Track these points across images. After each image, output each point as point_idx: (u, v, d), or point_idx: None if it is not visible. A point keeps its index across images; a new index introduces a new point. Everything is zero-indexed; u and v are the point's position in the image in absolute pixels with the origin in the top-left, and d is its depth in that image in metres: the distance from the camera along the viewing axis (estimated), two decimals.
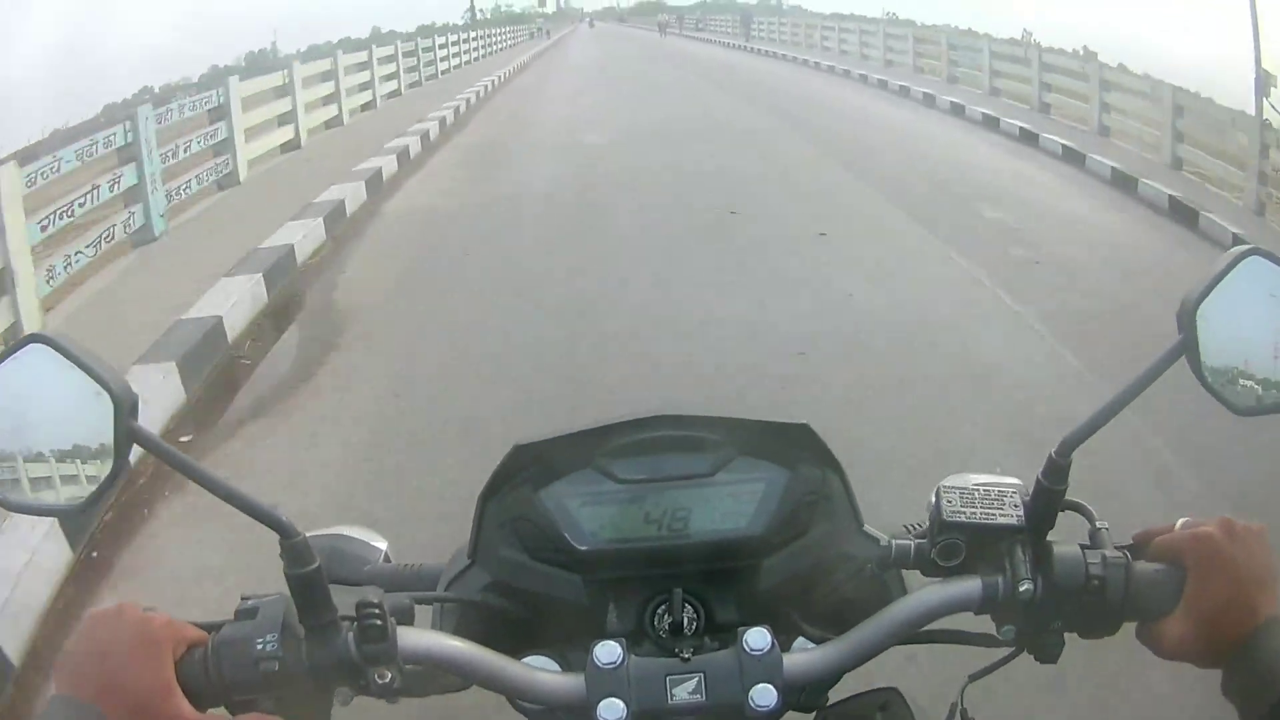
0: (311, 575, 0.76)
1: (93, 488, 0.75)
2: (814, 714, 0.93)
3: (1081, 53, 13.90)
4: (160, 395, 4.59)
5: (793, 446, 0.89)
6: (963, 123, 14.66)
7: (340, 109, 14.41)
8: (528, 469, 0.88)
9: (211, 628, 0.79)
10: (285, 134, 11.98)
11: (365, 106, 16.09)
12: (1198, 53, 11.59)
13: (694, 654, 0.82)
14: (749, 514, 0.87)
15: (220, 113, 9.80)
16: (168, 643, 0.76)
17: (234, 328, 5.72)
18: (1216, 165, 9.18)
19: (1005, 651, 0.87)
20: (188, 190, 8.81)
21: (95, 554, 3.59)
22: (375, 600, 0.77)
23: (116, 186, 7.36)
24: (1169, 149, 10.02)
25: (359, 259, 7.61)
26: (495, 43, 36.60)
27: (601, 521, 0.86)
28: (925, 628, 0.85)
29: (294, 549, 0.76)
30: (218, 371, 5.30)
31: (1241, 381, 0.80)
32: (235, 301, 5.89)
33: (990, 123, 13.94)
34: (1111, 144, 11.45)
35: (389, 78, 18.15)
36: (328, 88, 14.06)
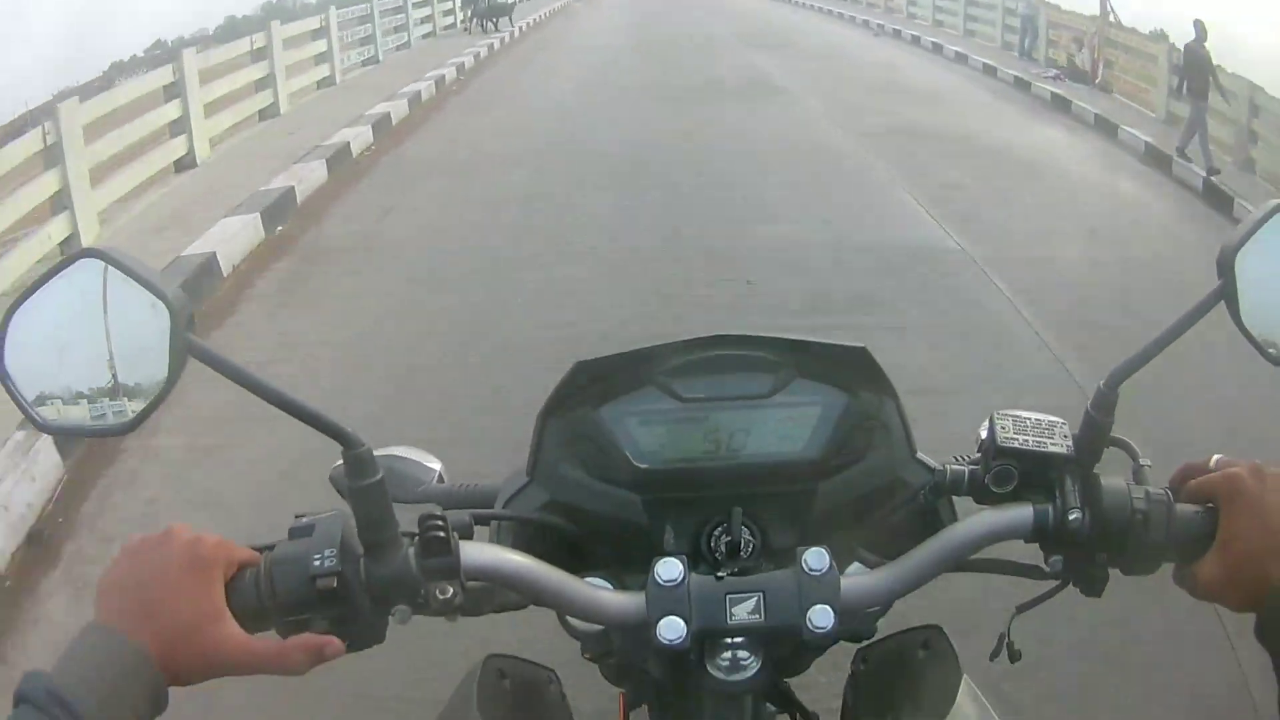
0: (374, 487, 0.74)
1: (143, 403, 0.73)
2: (856, 652, 0.94)
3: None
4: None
5: (849, 370, 0.88)
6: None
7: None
8: (589, 386, 0.87)
9: (264, 548, 0.77)
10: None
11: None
12: None
13: (751, 574, 0.81)
14: (805, 437, 0.87)
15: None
16: (218, 564, 0.73)
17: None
18: None
19: (1051, 584, 0.87)
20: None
21: None
22: (439, 513, 0.76)
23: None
24: None
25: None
26: None
27: (661, 440, 0.86)
28: (975, 556, 0.85)
29: (357, 460, 0.74)
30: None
31: (1276, 331, 0.81)
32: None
33: None
34: None
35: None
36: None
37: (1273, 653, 0.75)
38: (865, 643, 0.94)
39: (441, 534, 0.75)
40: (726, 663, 0.80)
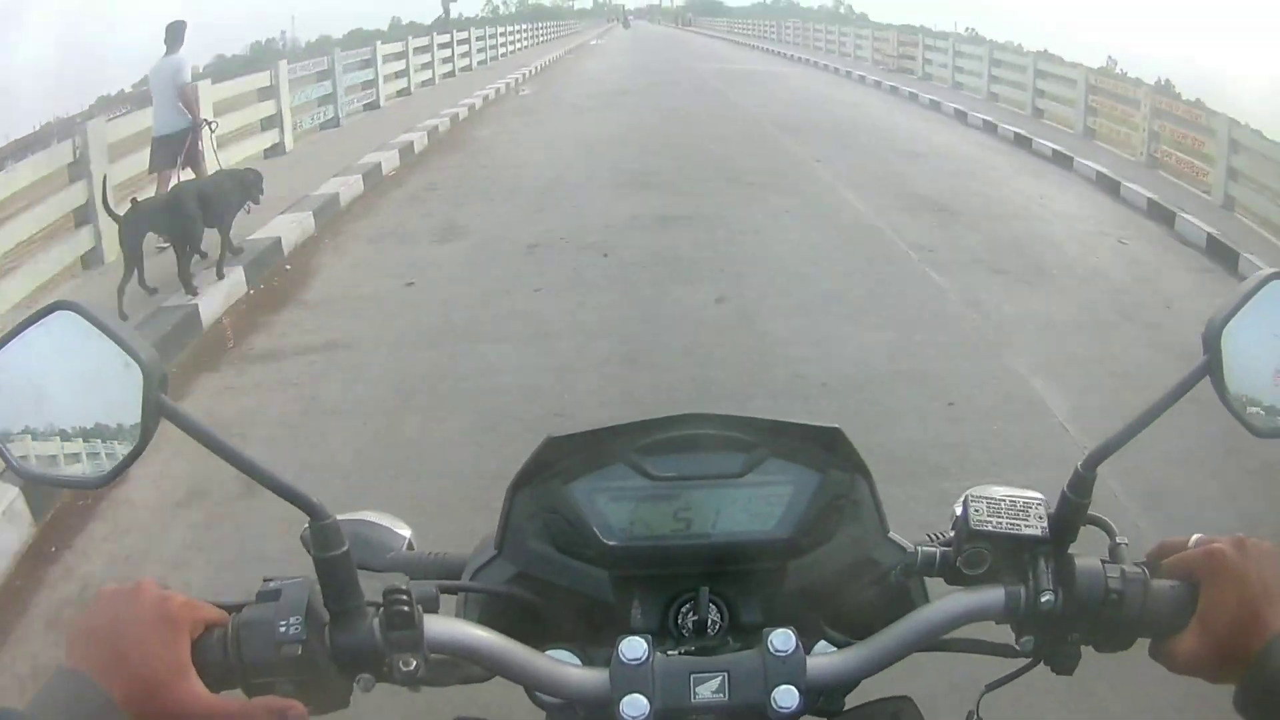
0: (340, 559, 0.75)
1: (115, 460, 0.74)
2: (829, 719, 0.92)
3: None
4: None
5: (823, 449, 0.88)
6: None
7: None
8: (559, 462, 0.88)
9: (231, 608, 0.78)
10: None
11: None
12: None
13: (717, 653, 0.82)
14: (777, 516, 0.87)
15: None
16: (185, 622, 0.74)
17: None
18: None
19: (1022, 662, 0.87)
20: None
21: None
22: (403, 587, 0.76)
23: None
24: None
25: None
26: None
27: (631, 517, 0.86)
28: (945, 636, 0.85)
29: (323, 531, 0.75)
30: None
31: (1264, 403, 0.81)
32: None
33: None
34: None
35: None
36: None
37: None
38: (833, 717, 0.93)
39: (405, 608, 0.76)
40: None
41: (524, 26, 36.52)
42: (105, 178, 6.61)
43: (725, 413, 0.88)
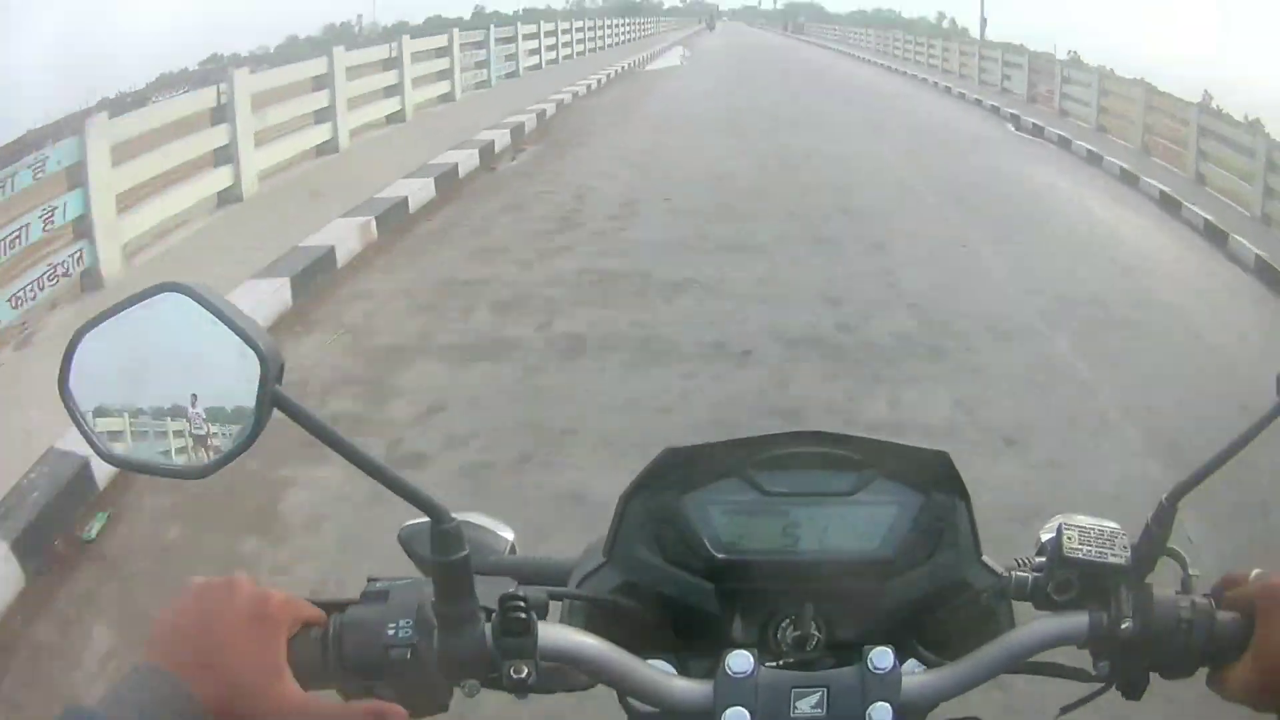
0: (460, 563, 0.75)
1: (219, 453, 0.71)
2: None
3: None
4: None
5: (928, 473, 0.90)
6: None
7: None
8: (675, 473, 0.88)
9: (331, 607, 0.77)
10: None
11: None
12: None
13: (816, 668, 0.84)
14: (881, 535, 0.88)
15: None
16: (283, 621, 0.73)
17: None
18: None
19: (1095, 686, 0.88)
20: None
21: None
22: (519, 593, 0.76)
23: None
24: None
25: None
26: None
27: (741, 531, 0.88)
28: (1029, 660, 0.87)
29: (445, 535, 0.74)
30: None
31: None
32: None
33: None
34: None
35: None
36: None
37: None
38: None
39: (522, 614, 0.75)
40: None
41: (577, 26, 27.27)
42: None
43: (840, 432, 0.89)
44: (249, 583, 0.74)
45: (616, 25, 33.23)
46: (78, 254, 6.01)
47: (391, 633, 0.74)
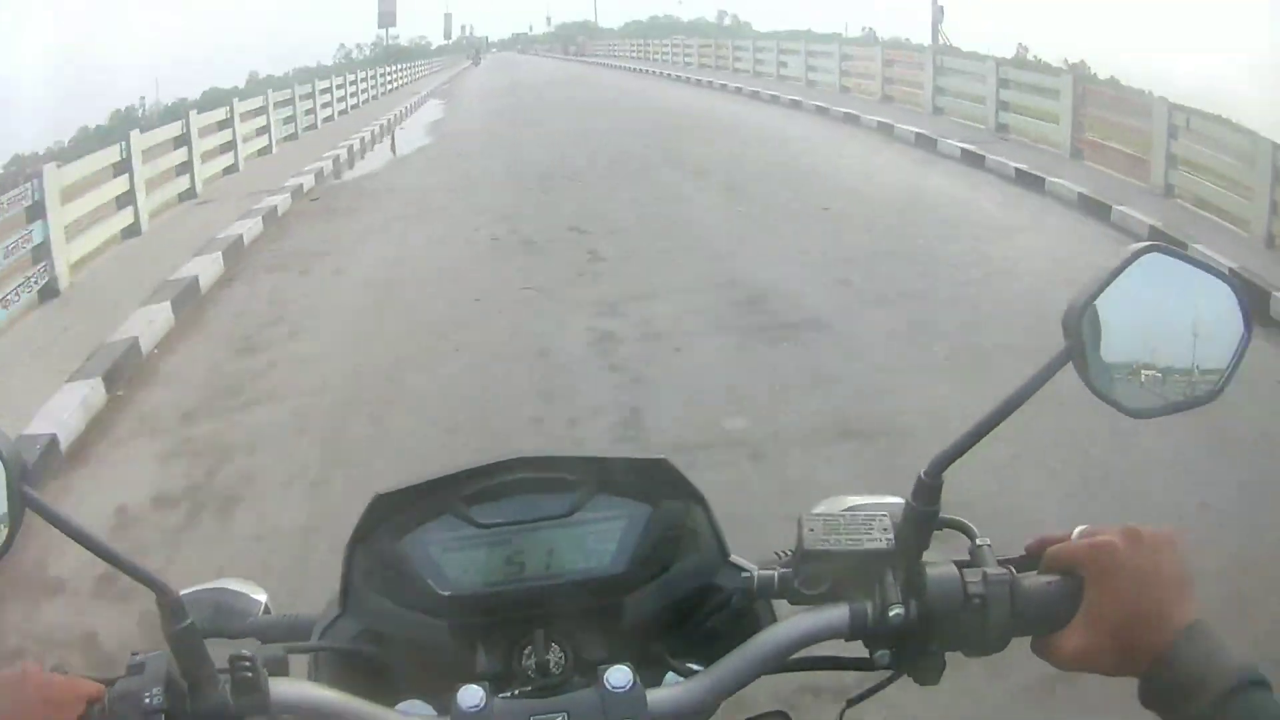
0: (186, 631, 0.78)
1: None
2: None
3: None
4: None
5: (652, 481, 0.90)
6: None
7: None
8: (389, 518, 0.89)
9: (107, 682, 0.80)
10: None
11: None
12: None
13: (558, 694, 0.82)
14: (611, 552, 0.88)
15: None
16: (70, 703, 0.76)
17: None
18: None
19: (884, 675, 0.86)
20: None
21: None
22: (247, 653, 0.78)
23: None
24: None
25: None
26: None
27: (464, 566, 0.87)
28: (797, 655, 0.85)
29: (169, 607, 0.78)
30: None
31: (1143, 375, 0.80)
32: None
33: None
34: None
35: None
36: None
37: (1162, 714, 0.75)
38: None
39: (249, 673, 0.78)
40: None
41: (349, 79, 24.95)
42: None
43: (549, 454, 0.89)
44: (37, 671, 0.78)
45: (387, 72, 31.95)
46: None
47: (148, 701, 0.77)
